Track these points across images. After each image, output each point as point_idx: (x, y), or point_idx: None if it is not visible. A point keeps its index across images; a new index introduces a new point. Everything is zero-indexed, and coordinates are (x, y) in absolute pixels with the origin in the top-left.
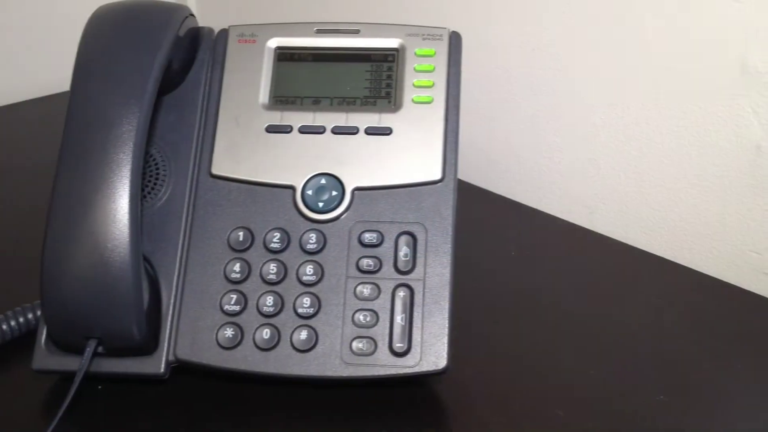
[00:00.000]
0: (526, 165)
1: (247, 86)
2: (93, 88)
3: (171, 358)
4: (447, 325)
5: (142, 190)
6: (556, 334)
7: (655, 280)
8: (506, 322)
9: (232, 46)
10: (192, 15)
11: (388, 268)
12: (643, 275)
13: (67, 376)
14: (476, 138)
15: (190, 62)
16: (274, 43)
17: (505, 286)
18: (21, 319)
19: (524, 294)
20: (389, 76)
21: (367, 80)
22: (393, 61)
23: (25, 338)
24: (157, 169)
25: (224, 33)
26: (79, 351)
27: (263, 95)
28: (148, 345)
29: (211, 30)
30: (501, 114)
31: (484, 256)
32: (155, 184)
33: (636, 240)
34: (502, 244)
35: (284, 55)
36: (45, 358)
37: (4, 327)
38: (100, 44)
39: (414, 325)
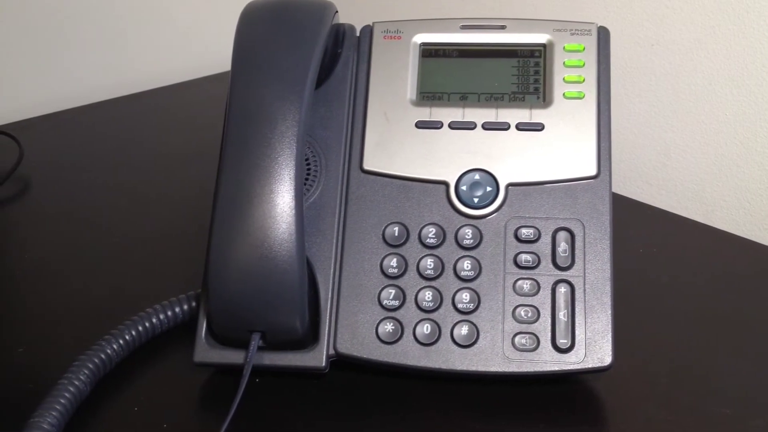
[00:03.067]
0: (645, 162)
1: (394, 82)
2: (254, 82)
3: (330, 352)
4: (610, 322)
5: None
6: (707, 332)
7: None
8: (654, 320)
9: (378, 42)
10: (336, 11)
11: (546, 264)
12: None
13: (223, 369)
14: None
15: (335, 58)
16: (419, 39)
17: (644, 284)
18: (169, 313)
19: (664, 291)
20: (537, 72)
21: (514, 76)
22: (540, 57)
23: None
24: (309, 164)
25: (368, 29)
26: (239, 344)
27: (410, 91)
28: (308, 339)
29: (352, 27)
30: (619, 110)
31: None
32: (308, 179)
33: (762, 237)
34: (627, 241)
35: (429, 51)
36: (206, 351)
37: (154, 320)
38: (257, 38)
39: (576, 321)
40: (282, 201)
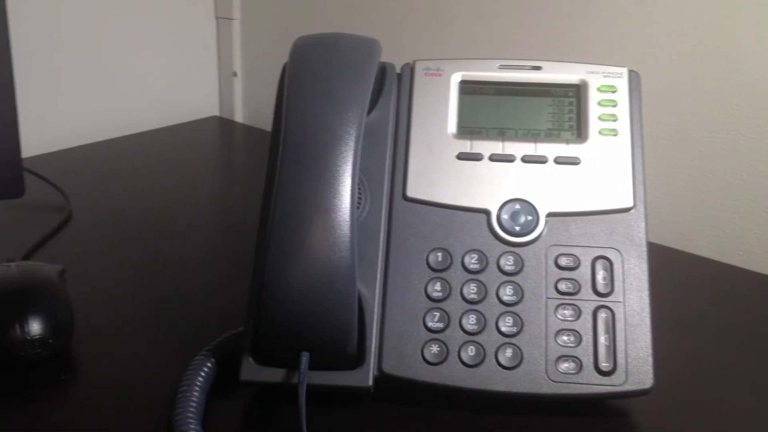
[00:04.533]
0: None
1: (435, 116)
2: (312, 109)
3: (375, 372)
4: (650, 346)
5: None
6: (743, 359)
7: None
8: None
9: (419, 78)
10: (381, 48)
11: (586, 291)
12: None
13: (267, 388)
14: None
15: (378, 93)
16: (458, 77)
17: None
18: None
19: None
20: (571, 110)
21: (550, 114)
22: (574, 96)
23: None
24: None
25: (409, 67)
26: (285, 364)
27: (451, 125)
28: (353, 359)
29: (392, 64)
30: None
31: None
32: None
33: None
34: None
35: (468, 89)
36: (252, 369)
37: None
38: (313, 67)
39: (617, 345)
40: (341, 224)
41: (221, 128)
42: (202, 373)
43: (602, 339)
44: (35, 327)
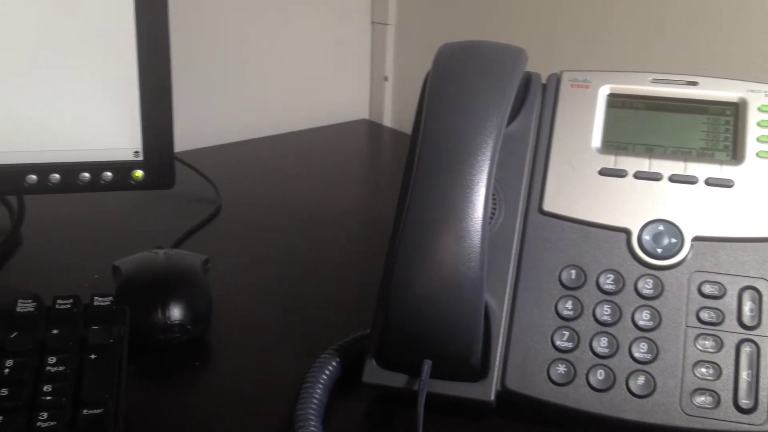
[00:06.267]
0: None
1: (579, 129)
2: (450, 116)
3: (498, 387)
4: None
5: None
6: None
7: None
8: None
9: (565, 90)
10: (527, 58)
11: (731, 322)
12: None
13: (389, 392)
14: None
15: (521, 102)
16: (606, 89)
17: None
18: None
19: None
20: (727, 129)
21: (703, 132)
22: (732, 115)
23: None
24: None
25: (555, 77)
26: (407, 369)
27: (595, 139)
28: (475, 371)
29: (538, 74)
30: None
31: None
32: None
33: None
34: None
35: (616, 102)
36: (375, 372)
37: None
38: (454, 75)
39: (761, 382)
40: (471, 234)
41: (370, 131)
42: (327, 371)
43: (744, 374)
44: (176, 313)
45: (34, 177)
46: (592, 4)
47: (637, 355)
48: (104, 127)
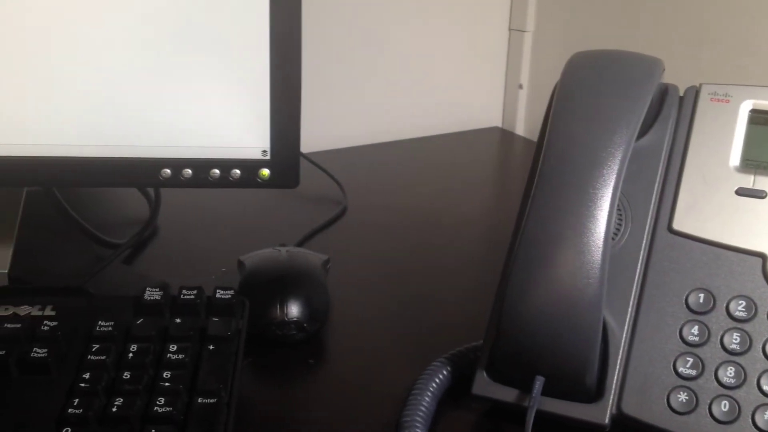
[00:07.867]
0: None
1: (716, 145)
2: (576, 127)
3: (613, 410)
4: None
5: None
6: None
7: None
8: None
9: (704, 104)
10: (664, 69)
11: None
12: None
13: (498, 406)
14: None
15: (655, 115)
16: (749, 104)
17: None
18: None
19: None
20: None
21: None
22: None
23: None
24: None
25: (693, 90)
26: (518, 384)
27: (734, 157)
28: (590, 392)
29: (675, 86)
30: None
31: None
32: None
33: None
34: None
35: (758, 119)
36: (485, 384)
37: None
38: (584, 85)
39: None
40: (591, 249)
41: (501, 139)
42: (437, 380)
43: None
44: (293, 310)
45: (168, 171)
46: (741, 14)
47: (766, 388)
48: (235, 126)
